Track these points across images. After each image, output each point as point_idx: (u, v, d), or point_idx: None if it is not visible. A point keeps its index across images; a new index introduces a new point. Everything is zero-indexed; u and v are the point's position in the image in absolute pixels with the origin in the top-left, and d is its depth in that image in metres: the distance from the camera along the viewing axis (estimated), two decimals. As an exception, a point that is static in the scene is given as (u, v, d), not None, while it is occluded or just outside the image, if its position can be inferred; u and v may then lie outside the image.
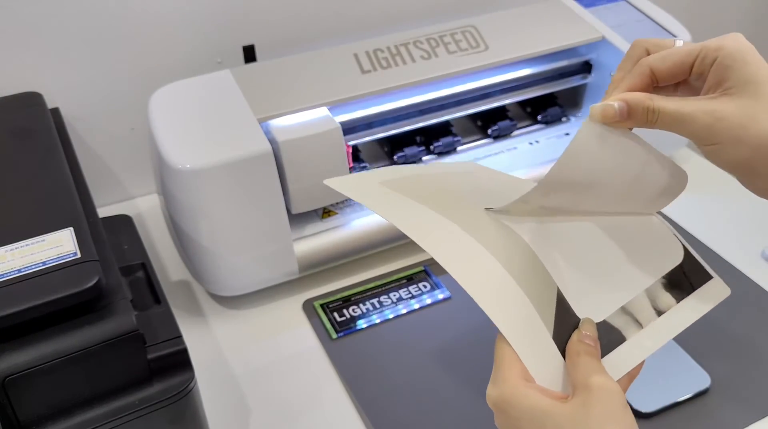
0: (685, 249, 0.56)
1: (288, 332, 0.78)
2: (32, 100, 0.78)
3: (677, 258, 0.55)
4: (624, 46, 0.91)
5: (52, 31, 0.82)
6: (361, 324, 0.78)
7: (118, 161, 0.94)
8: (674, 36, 0.94)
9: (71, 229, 0.57)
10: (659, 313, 0.53)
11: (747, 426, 0.67)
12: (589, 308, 0.51)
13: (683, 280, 0.55)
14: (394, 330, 0.77)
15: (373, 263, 0.86)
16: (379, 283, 0.83)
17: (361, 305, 0.80)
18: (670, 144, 0.99)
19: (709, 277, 0.56)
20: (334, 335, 0.77)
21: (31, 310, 0.51)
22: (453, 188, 0.57)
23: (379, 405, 0.69)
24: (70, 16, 0.82)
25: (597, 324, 0.50)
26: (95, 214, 0.64)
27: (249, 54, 0.92)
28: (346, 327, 0.77)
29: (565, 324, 0.50)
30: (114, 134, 0.92)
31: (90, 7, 0.83)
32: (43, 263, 0.54)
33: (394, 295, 0.81)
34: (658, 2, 1.00)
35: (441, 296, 0.81)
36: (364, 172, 0.58)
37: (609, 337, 0.50)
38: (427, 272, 0.84)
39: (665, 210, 0.91)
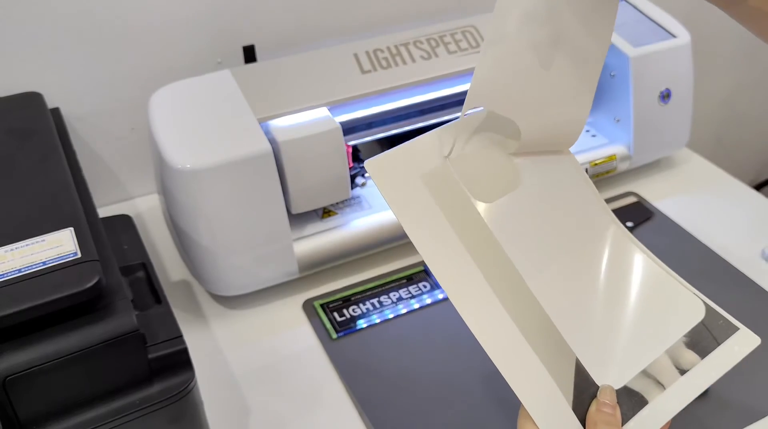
0: (706, 304, 0.56)
1: (288, 332, 0.78)
2: (32, 100, 0.78)
3: (698, 315, 0.55)
4: (624, 46, 0.91)
5: (53, 31, 0.82)
6: (361, 324, 0.78)
7: (118, 161, 0.94)
8: (674, 36, 0.94)
9: (71, 229, 0.58)
10: (682, 372, 0.52)
11: (746, 426, 0.67)
12: (608, 375, 0.51)
13: (706, 335, 0.54)
14: (394, 330, 0.77)
15: (373, 263, 0.86)
16: (379, 283, 0.83)
17: (361, 305, 0.80)
18: (670, 144, 0.99)
19: (735, 329, 0.55)
20: (334, 335, 0.77)
21: (32, 309, 0.51)
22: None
23: (379, 405, 0.69)
24: (70, 17, 0.82)
25: (617, 390, 0.50)
26: (95, 214, 0.64)
27: (249, 54, 0.92)
28: (346, 327, 0.77)
29: (584, 392, 0.50)
30: (114, 134, 0.92)
31: (90, 7, 0.83)
32: (44, 263, 0.54)
33: (394, 295, 0.81)
34: (658, 2, 1.00)
35: (441, 296, 0.81)
36: (408, 149, 0.53)
37: (631, 402, 0.50)
38: (427, 272, 0.84)
39: (666, 211, 0.92)
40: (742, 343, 0.54)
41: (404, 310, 0.79)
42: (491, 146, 0.55)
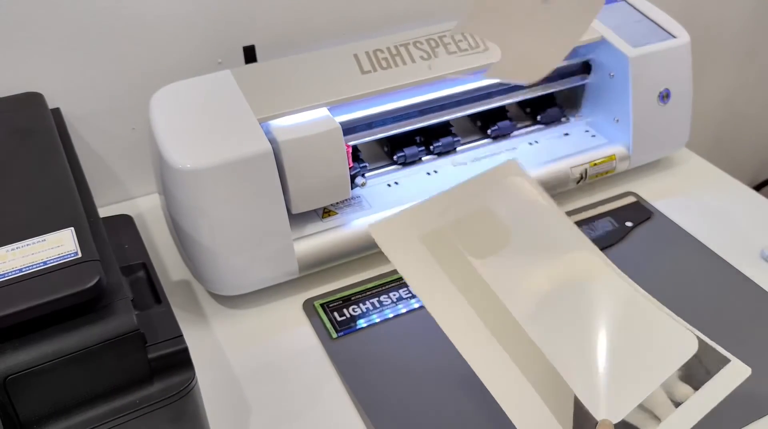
0: (699, 338, 0.57)
1: (288, 332, 0.78)
2: (33, 101, 0.78)
3: (691, 349, 0.57)
4: (623, 46, 0.91)
5: (53, 31, 0.83)
6: (361, 323, 0.78)
7: (119, 161, 0.94)
8: (674, 37, 0.94)
9: (72, 228, 0.58)
10: (677, 404, 0.55)
11: (744, 426, 0.67)
12: (606, 410, 0.53)
13: (699, 368, 0.57)
14: (394, 329, 0.78)
15: (373, 263, 0.86)
16: (379, 282, 0.83)
17: (361, 305, 0.80)
18: (669, 145, 0.99)
19: (727, 361, 0.57)
20: (334, 334, 0.77)
21: (32, 309, 0.51)
22: (489, 235, 0.59)
23: (379, 405, 0.70)
24: (71, 16, 0.83)
25: (616, 424, 0.52)
26: (96, 213, 0.64)
27: (249, 54, 0.93)
28: (346, 326, 0.78)
29: (583, 428, 0.52)
30: (115, 134, 0.92)
31: (91, 7, 0.83)
32: (44, 263, 0.54)
33: (394, 295, 0.81)
34: (658, 3, 1.00)
35: (441, 296, 0.81)
36: (406, 214, 0.59)
37: None
38: (427, 272, 0.84)
39: (666, 211, 0.92)
40: (733, 374, 0.57)
41: (404, 310, 0.79)
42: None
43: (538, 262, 0.60)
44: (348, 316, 0.79)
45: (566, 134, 0.99)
